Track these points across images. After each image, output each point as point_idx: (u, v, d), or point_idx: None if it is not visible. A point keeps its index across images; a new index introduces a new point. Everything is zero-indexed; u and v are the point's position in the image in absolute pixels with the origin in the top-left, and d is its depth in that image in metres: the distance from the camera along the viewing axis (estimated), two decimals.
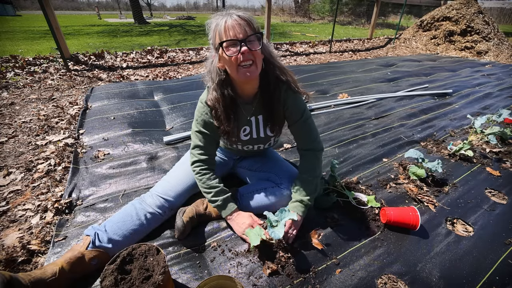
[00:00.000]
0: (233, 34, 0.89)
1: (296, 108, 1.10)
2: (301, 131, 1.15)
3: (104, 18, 18.54)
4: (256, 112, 1.13)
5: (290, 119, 1.14)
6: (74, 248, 0.98)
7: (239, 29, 0.89)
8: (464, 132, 2.28)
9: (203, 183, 1.11)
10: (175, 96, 2.78)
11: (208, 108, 1.08)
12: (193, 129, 1.13)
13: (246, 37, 0.90)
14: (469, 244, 1.17)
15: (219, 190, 1.11)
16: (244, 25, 0.90)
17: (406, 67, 4.62)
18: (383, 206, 1.36)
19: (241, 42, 0.89)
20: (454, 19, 6.88)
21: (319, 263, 1.05)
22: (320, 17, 20.16)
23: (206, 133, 1.10)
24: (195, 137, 1.12)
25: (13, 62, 3.91)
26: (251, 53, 0.92)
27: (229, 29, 0.89)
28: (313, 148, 1.16)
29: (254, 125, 1.16)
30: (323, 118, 2.48)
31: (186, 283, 0.97)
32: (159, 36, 8.44)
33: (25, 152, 1.81)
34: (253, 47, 0.92)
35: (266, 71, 1.03)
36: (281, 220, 0.99)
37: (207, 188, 1.11)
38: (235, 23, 0.89)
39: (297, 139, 1.20)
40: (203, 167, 1.12)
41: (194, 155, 1.13)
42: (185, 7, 73.16)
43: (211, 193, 1.10)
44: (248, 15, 0.92)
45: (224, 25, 0.89)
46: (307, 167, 1.16)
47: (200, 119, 1.10)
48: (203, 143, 1.11)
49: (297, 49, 6.39)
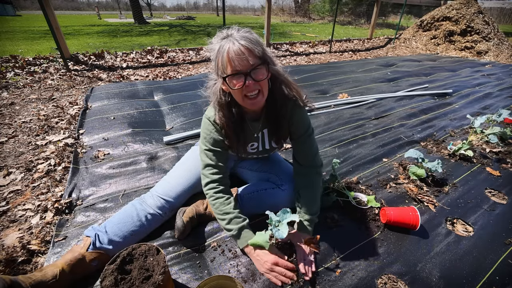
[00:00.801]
0: (236, 67, 0.84)
1: (301, 123, 1.09)
2: (303, 145, 1.13)
3: (104, 18, 18.55)
4: (262, 127, 1.12)
5: (295, 134, 1.12)
6: (75, 249, 0.98)
7: (243, 61, 0.84)
8: (464, 132, 2.28)
9: (217, 208, 1.05)
10: (175, 96, 2.78)
11: (217, 126, 1.04)
12: (201, 148, 1.08)
13: (251, 69, 0.85)
14: (469, 244, 1.17)
15: (233, 216, 1.03)
16: (248, 55, 0.83)
17: (406, 67, 4.62)
18: (383, 206, 1.36)
19: (246, 75, 0.85)
20: (454, 19, 6.88)
21: (319, 263, 1.05)
22: (320, 17, 20.16)
23: (217, 150, 1.06)
24: (205, 156, 1.06)
25: (13, 62, 3.91)
26: (257, 83, 0.88)
27: (232, 60, 0.84)
28: (314, 165, 1.14)
29: (260, 140, 1.16)
30: (323, 118, 2.48)
31: (186, 283, 0.97)
32: (159, 36, 8.44)
33: (25, 152, 1.81)
34: (258, 77, 0.87)
35: (273, 89, 0.99)
36: (283, 221, 0.99)
37: (220, 214, 1.04)
38: (238, 54, 0.82)
39: (297, 154, 1.16)
40: (216, 189, 1.05)
41: (206, 176, 1.07)
42: (185, 7, 73.19)
43: (225, 220, 1.03)
44: (251, 40, 0.85)
45: (227, 56, 0.84)
46: (311, 184, 1.13)
47: (209, 137, 1.05)
48: (214, 161, 1.06)
49: (297, 49, 6.39)
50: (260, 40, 0.90)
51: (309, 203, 1.10)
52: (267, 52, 0.91)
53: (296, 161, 1.17)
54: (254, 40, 0.86)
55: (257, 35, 0.91)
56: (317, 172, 1.15)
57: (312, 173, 1.14)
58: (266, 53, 0.91)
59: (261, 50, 0.87)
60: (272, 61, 0.95)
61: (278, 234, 0.95)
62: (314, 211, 1.09)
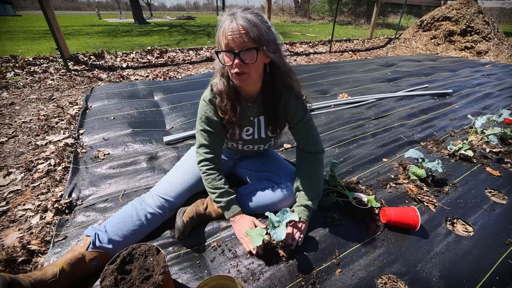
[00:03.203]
0: (229, 44, 0.87)
1: (297, 110, 1.10)
2: (302, 132, 1.15)
3: (104, 18, 18.54)
4: (258, 113, 1.14)
5: (291, 121, 1.14)
6: (75, 249, 0.98)
7: (236, 39, 0.85)
8: (464, 132, 2.28)
9: (209, 183, 1.12)
10: (175, 96, 2.78)
11: (211, 106, 1.07)
12: (197, 128, 1.13)
13: (241, 50, 0.87)
14: (469, 244, 1.17)
15: (223, 191, 1.11)
16: (243, 35, 0.85)
17: (406, 67, 4.62)
18: (383, 206, 1.36)
19: (235, 54, 0.87)
20: (454, 19, 6.87)
21: (319, 263, 1.05)
22: (320, 17, 20.16)
23: (210, 131, 1.10)
24: (200, 136, 1.12)
25: (13, 62, 3.91)
26: (244, 65, 0.90)
27: (226, 37, 0.86)
28: (315, 151, 1.16)
29: (256, 126, 1.16)
30: (323, 118, 2.48)
31: (186, 283, 0.97)
32: (159, 36, 8.44)
33: (25, 152, 1.81)
34: (247, 59, 0.89)
35: (271, 74, 1.01)
36: (283, 221, 0.99)
37: (212, 188, 1.12)
38: (233, 32, 0.84)
39: (298, 141, 1.20)
40: (209, 166, 1.12)
41: (200, 154, 1.13)
42: (185, 7, 73.14)
43: (216, 193, 1.11)
44: (251, 22, 0.85)
45: (224, 31, 0.86)
46: (310, 170, 1.16)
47: (204, 117, 1.09)
48: (208, 141, 1.11)
49: (297, 49, 6.39)
50: (264, 25, 0.89)
51: (305, 189, 1.13)
52: (267, 37, 0.90)
53: (298, 148, 1.21)
54: (254, 22, 0.85)
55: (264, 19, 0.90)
56: (317, 159, 1.16)
57: (312, 159, 1.16)
58: (265, 38, 0.89)
59: (258, 33, 0.86)
60: (274, 48, 0.95)
61: (276, 236, 0.95)
62: (311, 197, 1.12)
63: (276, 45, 0.96)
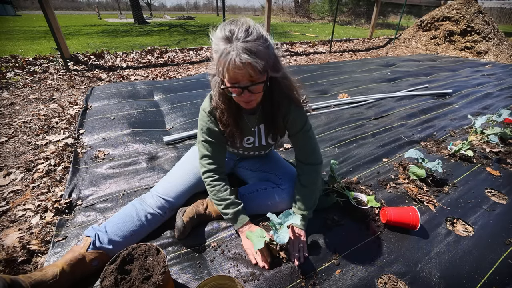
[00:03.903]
0: (235, 78, 0.84)
1: (297, 120, 1.09)
2: (300, 142, 1.14)
3: (104, 18, 18.54)
4: (258, 122, 1.13)
5: (290, 131, 1.13)
6: (75, 249, 0.98)
7: (243, 75, 0.82)
8: (464, 132, 2.28)
9: (214, 194, 1.11)
10: (175, 96, 2.77)
11: (212, 117, 1.06)
12: (198, 139, 1.12)
13: (249, 85, 0.86)
14: (469, 244, 1.17)
15: (229, 202, 1.09)
16: (249, 70, 0.81)
17: (406, 67, 4.62)
18: (383, 206, 1.36)
19: (243, 88, 0.86)
20: (454, 19, 6.87)
21: (319, 263, 1.05)
22: (320, 17, 20.16)
23: (212, 141, 1.09)
24: (202, 147, 1.11)
25: (13, 62, 3.91)
26: (253, 95, 0.89)
27: (230, 72, 0.82)
28: (312, 162, 1.14)
29: (256, 135, 1.16)
30: (323, 118, 2.48)
31: (186, 283, 0.97)
32: (159, 36, 8.43)
33: (25, 152, 1.81)
34: (255, 91, 0.88)
35: (271, 87, 0.99)
36: (285, 223, 0.98)
37: (217, 200, 1.10)
38: (239, 68, 0.79)
39: (296, 150, 1.18)
40: (213, 178, 1.11)
41: (203, 165, 1.12)
42: (185, 7, 73.08)
43: (222, 205, 1.09)
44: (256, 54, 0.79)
45: (226, 66, 0.80)
46: (307, 181, 1.14)
47: (205, 128, 1.08)
48: (210, 152, 1.10)
49: (297, 49, 6.39)
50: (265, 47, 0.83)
51: (302, 199, 1.12)
52: (270, 60, 0.86)
53: (296, 158, 1.20)
54: (257, 52, 0.79)
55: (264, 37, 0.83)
56: (315, 170, 1.15)
57: (309, 171, 1.15)
58: (269, 62, 0.86)
59: (264, 64, 0.81)
60: (276, 67, 0.92)
61: (279, 239, 0.94)
62: (306, 207, 1.11)
63: (275, 58, 0.91)
